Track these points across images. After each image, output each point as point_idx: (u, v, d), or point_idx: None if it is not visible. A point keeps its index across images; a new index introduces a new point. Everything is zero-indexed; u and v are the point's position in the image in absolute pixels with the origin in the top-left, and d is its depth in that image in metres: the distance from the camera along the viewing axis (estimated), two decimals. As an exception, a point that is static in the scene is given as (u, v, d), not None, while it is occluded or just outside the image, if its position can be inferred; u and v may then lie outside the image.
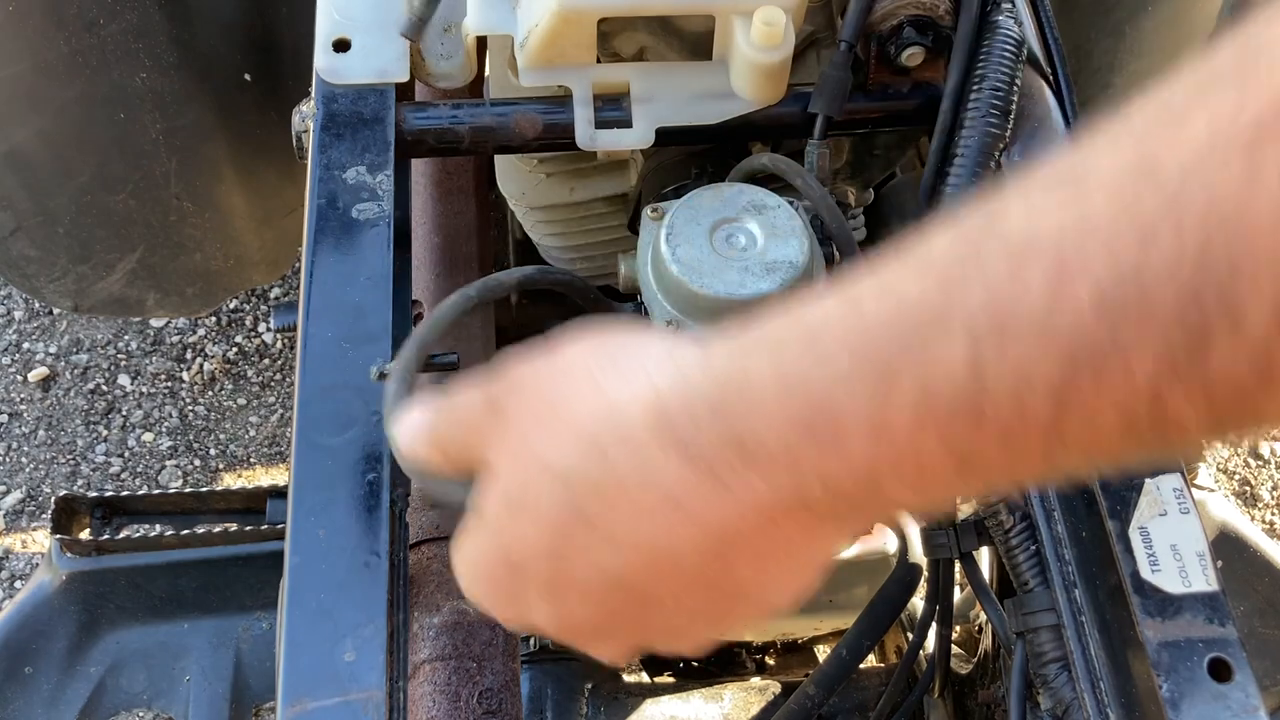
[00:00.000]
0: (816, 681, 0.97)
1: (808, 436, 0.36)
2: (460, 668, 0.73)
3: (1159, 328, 0.30)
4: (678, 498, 0.39)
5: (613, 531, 0.41)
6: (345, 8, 0.76)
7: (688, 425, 0.39)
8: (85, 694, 1.11)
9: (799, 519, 0.39)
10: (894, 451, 0.35)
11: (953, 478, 0.35)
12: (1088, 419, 0.32)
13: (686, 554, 0.40)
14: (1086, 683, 0.65)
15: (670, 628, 0.46)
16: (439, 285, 0.89)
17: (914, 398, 0.33)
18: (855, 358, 0.34)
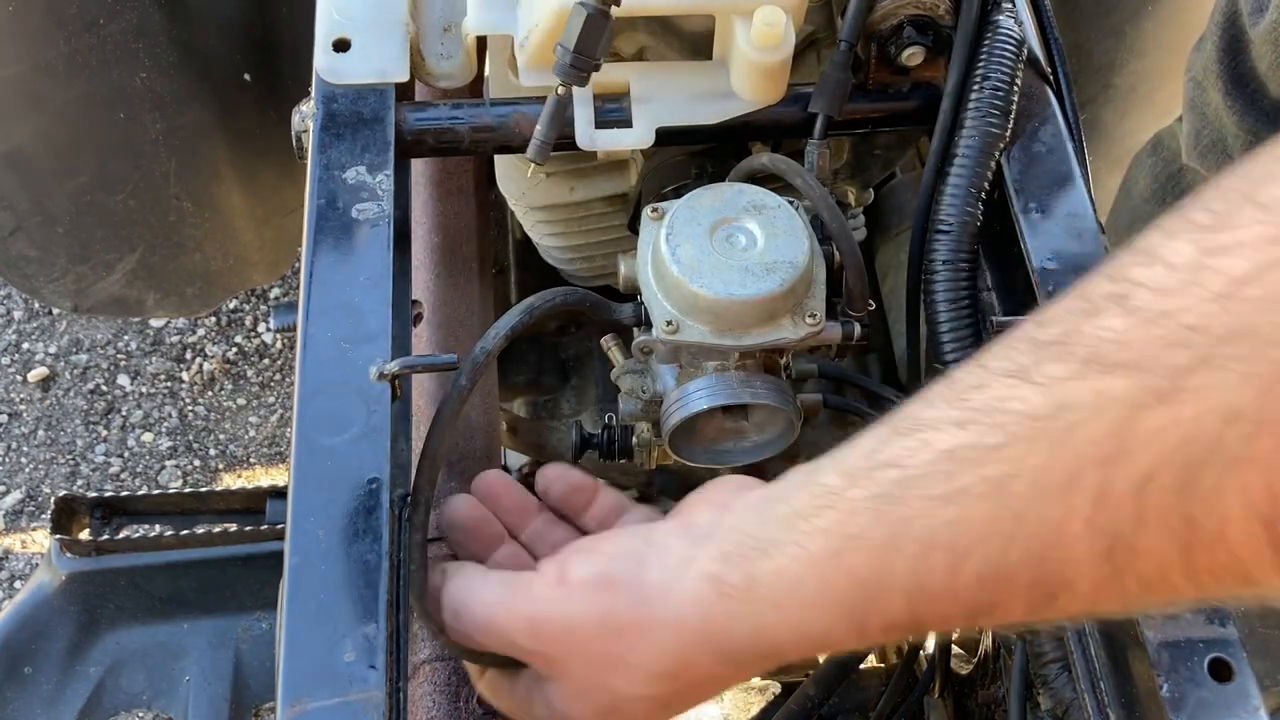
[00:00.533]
0: (816, 681, 0.97)
1: (813, 649, 0.57)
2: (460, 668, 0.73)
3: (1022, 593, 0.45)
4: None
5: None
6: (345, 8, 0.76)
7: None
8: (85, 694, 1.11)
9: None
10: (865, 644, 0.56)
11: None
12: (991, 625, 0.51)
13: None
14: (1086, 683, 0.65)
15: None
16: (439, 285, 0.89)
17: (880, 626, 0.51)
18: (837, 611, 0.51)
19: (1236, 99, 1.26)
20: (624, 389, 0.75)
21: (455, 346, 0.86)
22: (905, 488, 0.47)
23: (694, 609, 0.54)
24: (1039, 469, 0.42)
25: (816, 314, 0.68)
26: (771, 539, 0.52)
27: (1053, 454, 0.42)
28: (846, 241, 0.70)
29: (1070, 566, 0.43)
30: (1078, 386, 0.41)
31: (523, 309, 0.68)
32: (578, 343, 1.18)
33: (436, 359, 0.66)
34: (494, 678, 0.63)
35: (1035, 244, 0.73)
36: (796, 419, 0.71)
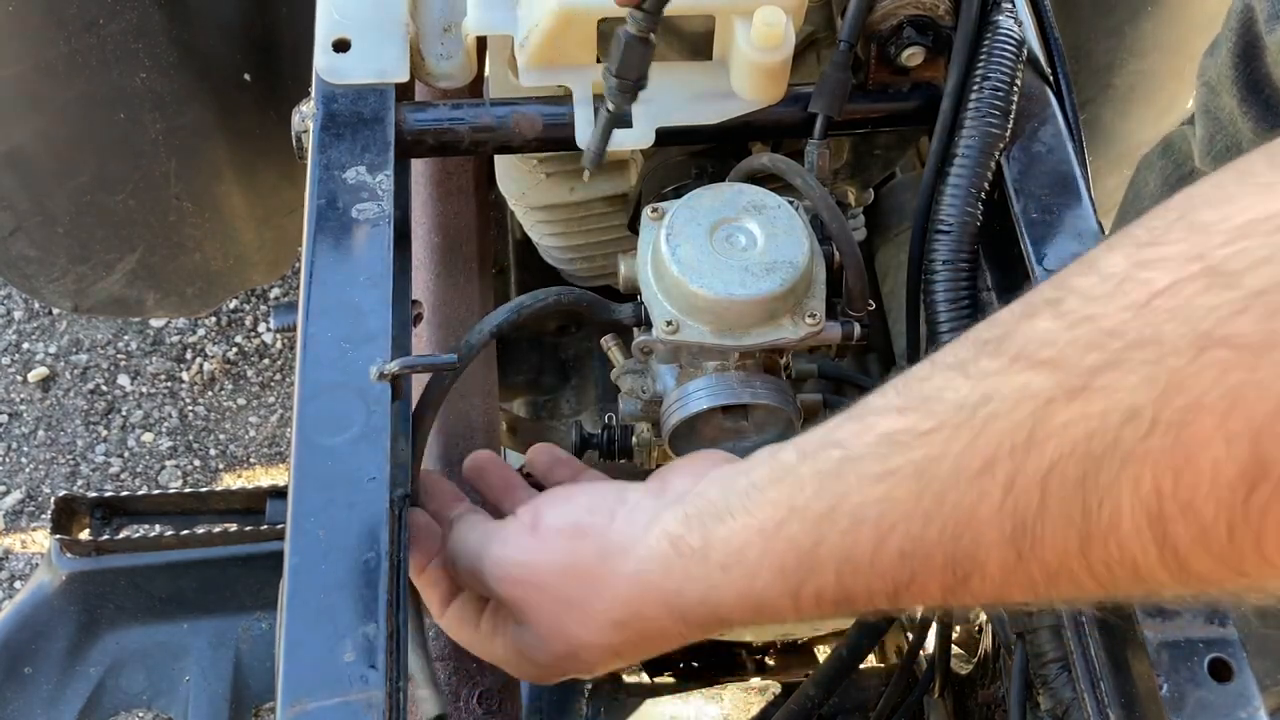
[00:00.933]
0: (816, 681, 0.97)
1: (752, 614, 0.57)
2: (460, 668, 0.73)
3: (938, 572, 0.49)
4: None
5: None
6: (345, 8, 0.76)
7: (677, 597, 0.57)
8: (85, 694, 1.11)
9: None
10: (799, 615, 0.55)
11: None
12: (911, 604, 0.52)
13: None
14: (1086, 683, 0.65)
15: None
16: (439, 285, 0.89)
17: (813, 596, 0.53)
18: (775, 576, 0.53)
19: (1252, 105, 1.27)
20: (624, 389, 0.75)
21: (455, 346, 0.86)
22: (846, 466, 0.50)
23: (654, 564, 0.57)
24: (960, 454, 0.46)
25: (816, 314, 0.68)
26: (728, 507, 0.55)
27: (973, 441, 0.45)
28: (846, 241, 0.70)
29: (982, 549, 0.46)
30: (1003, 380, 0.45)
31: (511, 307, 0.69)
32: (578, 343, 1.18)
33: (436, 359, 0.66)
34: (459, 610, 0.66)
35: (1035, 244, 0.73)
36: (796, 419, 0.71)
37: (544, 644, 0.62)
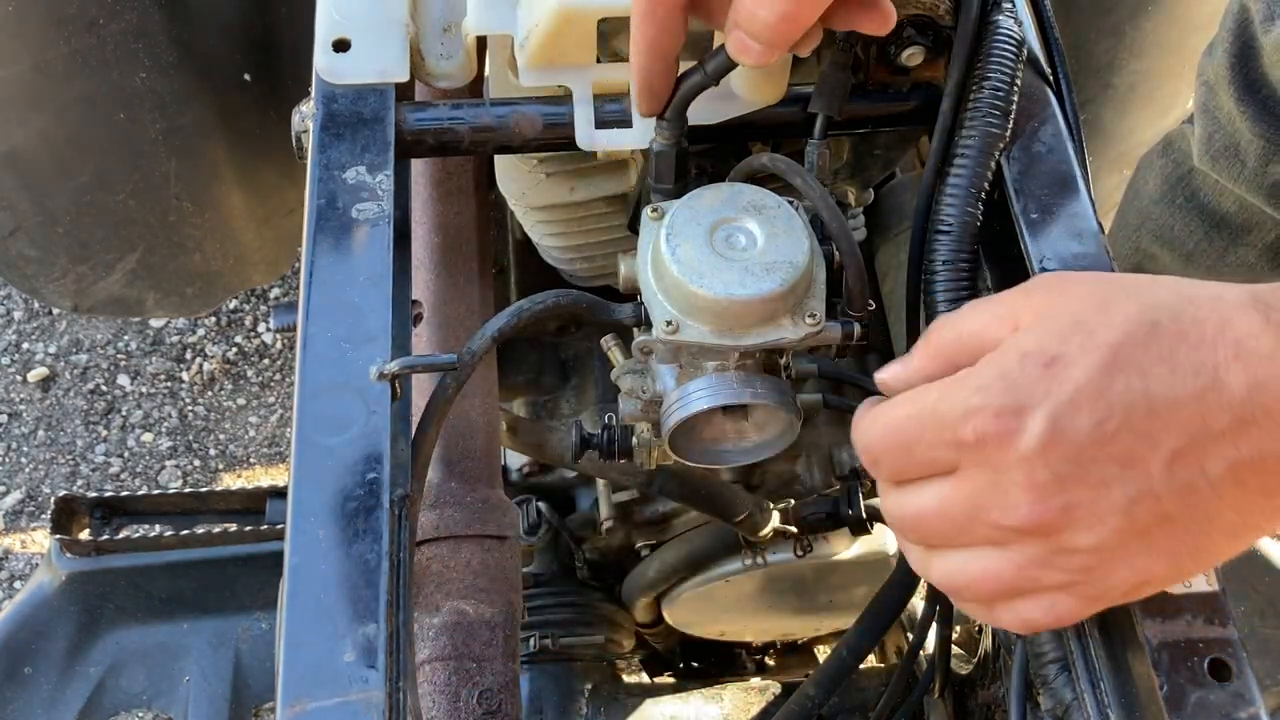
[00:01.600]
0: (816, 682, 0.97)
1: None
2: (460, 668, 0.73)
3: None
4: (1242, 340, 0.47)
5: (1174, 351, 0.48)
6: (345, 8, 0.76)
7: (1270, 297, 0.48)
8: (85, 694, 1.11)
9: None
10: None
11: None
12: None
13: (1217, 411, 0.48)
14: (1086, 683, 0.65)
15: (1126, 503, 0.50)
16: (439, 285, 0.89)
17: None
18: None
19: (1249, 105, 1.27)
20: (624, 389, 0.75)
21: (455, 346, 0.86)
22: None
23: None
24: None
25: (816, 314, 0.68)
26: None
27: None
28: (846, 241, 0.70)
29: None
30: None
31: (511, 312, 0.69)
32: (578, 343, 1.18)
33: (436, 359, 0.66)
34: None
35: (1035, 244, 0.73)
36: (796, 419, 0.71)
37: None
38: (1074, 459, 0.50)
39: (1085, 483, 0.50)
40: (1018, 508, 0.51)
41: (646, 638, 1.35)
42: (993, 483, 0.52)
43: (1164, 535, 0.51)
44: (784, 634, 1.38)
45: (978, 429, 0.51)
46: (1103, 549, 0.51)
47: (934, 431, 0.54)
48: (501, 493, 0.84)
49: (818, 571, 1.14)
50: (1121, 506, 0.50)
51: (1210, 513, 0.50)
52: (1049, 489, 0.50)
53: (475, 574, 0.78)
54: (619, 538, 1.19)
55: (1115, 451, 0.49)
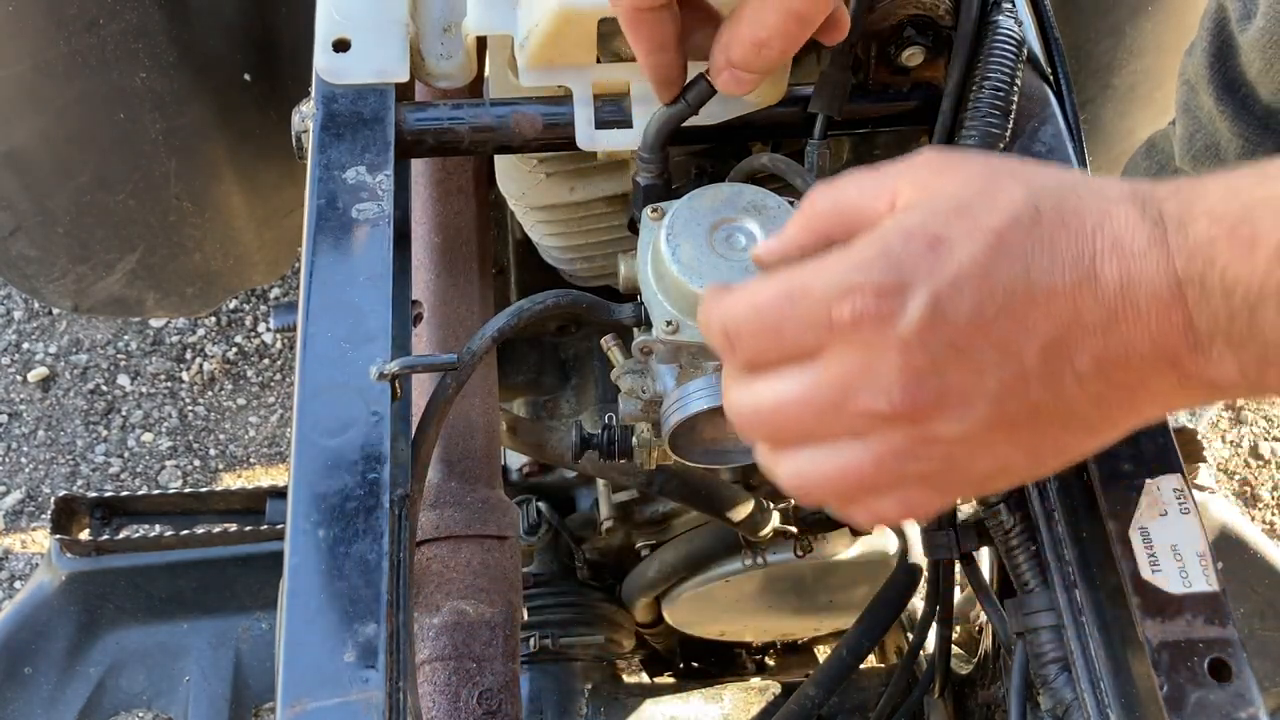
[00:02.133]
0: (816, 682, 0.97)
1: (1228, 235, 0.46)
2: (460, 668, 0.73)
3: None
4: (1119, 235, 0.48)
5: (1054, 240, 0.48)
6: (345, 7, 0.76)
7: (1148, 193, 0.49)
8: (85, 694, 1.11)
9: (1180, 332, 0.47)
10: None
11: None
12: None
13: (1090, 304, 0.47)
14: (1086, 683, 0.65)
15: (998, 390, 0.49)
16: (439, 285, 0.89)
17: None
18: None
19: (1228, 104, 1.27)
20: (624, 389, 0.75)
21: (455, 346, 0.86)
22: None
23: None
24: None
25: (816, 314, 0.68)
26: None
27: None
28: (846, 241, 0.70)
29: None
30: None
31: (511, 312, 0.69)
32: (578, 343, 1.18)
33: (436, 359, 0.66)
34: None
35: (1035, 244, 0.73)
36: (796, 419, 0.71)
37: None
38: (952, 343, 0.48)
39: (961, 368, 0.48)
40: (890, 391, 0.49)
41: (646, 638, 1.35)
42: (864, 365, 0.49)
43: (1028, 426, 0.50)
44: (784, 634, 1.38)
45: (855, 308, 0.49)
46: (968, 438, 0.50)
47: (806, 310, 0.50)
48: (501, 493, 0.84)
49: (818, 571, 1.14)
50: (993, 394, 0.49)
51: (1074, 407, 0.49)
52: (924, 372, 0.48)
53: (475, 574, 0.78)
54: (619, 538, 1.19)
55: (993, 337, 0.48)
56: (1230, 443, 2.35)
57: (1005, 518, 0.72)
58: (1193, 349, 0.47)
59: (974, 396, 0.49)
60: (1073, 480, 0.69)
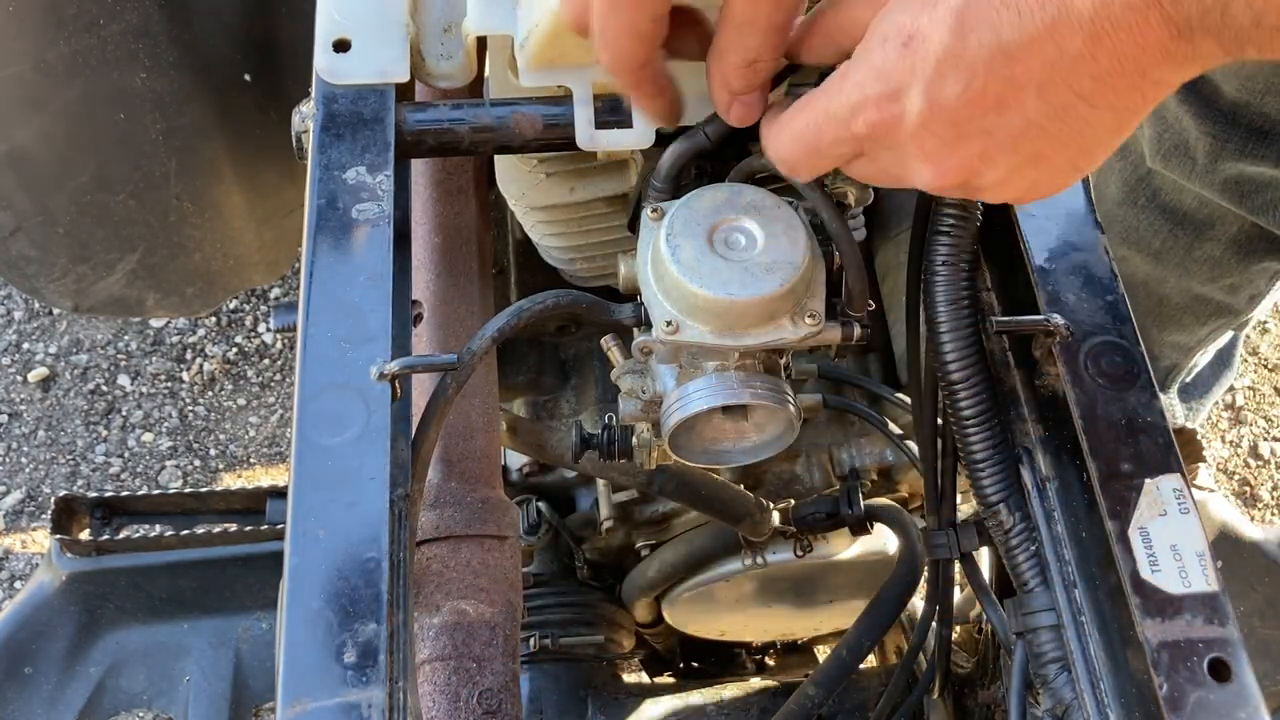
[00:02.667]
0: (816, 681, 0.97)
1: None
2: (460, 668, 0.73)
3: None
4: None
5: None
6: (345, 8, 0.76)
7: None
8: (85, 694, 1.11)
9: (1161, 28, 0.50)
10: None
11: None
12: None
13: (1070, 35, 0.51)
14: (1086, 683, 0.65)
15: (1012, 140, 0.55)
16: (439, 285, 0.89)
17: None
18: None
19: (1193, 102, 1.27)
20: (624, 389, 0.75)
21: (455, 346, 0.86)
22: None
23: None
24: None
25: (816, 314, 0.68)
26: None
27: None
28: (846, 241, 0.70)
29: None
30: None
31: (511, 312, 0.69)
32: (578, 343, 1.18)
33: (436, 359, 0.66)
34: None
35: (1035, 244, 0.73)
36: (796, 419, 0.71)
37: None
38: (954, 122, 0.55)
39: (972, 138, 0.55)
40: (922, 174, 0.58)
41: (646, 638, 1.35)
42: (896, 159, 0.59)
43: (1055, 152, 0.56)
44: (784, 634, 1.38)
45: (867, 121, 0.57)
46: (1006, 179, 0.58)
47: (832, 131, 0.59)
48: (501, 493, 0.84)
49: (818, 571, 1.14)
50: (1010, 145, 0.55)
51: (1091, 120, 0.55)
52: (942, 154, 0.56)
53: (475, 574, 0.78)
54: (619, 538, 1.19)
55: (989, 102, 0.54)
56: (1230, 443, 2.35)
57: (1005, 518, 0.72)
58: (1176, 38, 0.51)
59: (993, 153, 0.56)
60: (1073, 480, 0.69)
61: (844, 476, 1.10)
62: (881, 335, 1.12)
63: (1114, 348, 0.70)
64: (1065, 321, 0.70)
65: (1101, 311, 0.71)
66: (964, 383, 0.72)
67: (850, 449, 1.11)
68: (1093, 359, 0.69)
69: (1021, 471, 0.72)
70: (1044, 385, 0.73)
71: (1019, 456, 0.72)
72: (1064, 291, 0.71)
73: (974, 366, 0.72)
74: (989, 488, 0.72)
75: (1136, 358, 0.69)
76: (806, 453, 1.11)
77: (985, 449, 0.72)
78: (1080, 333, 0.70)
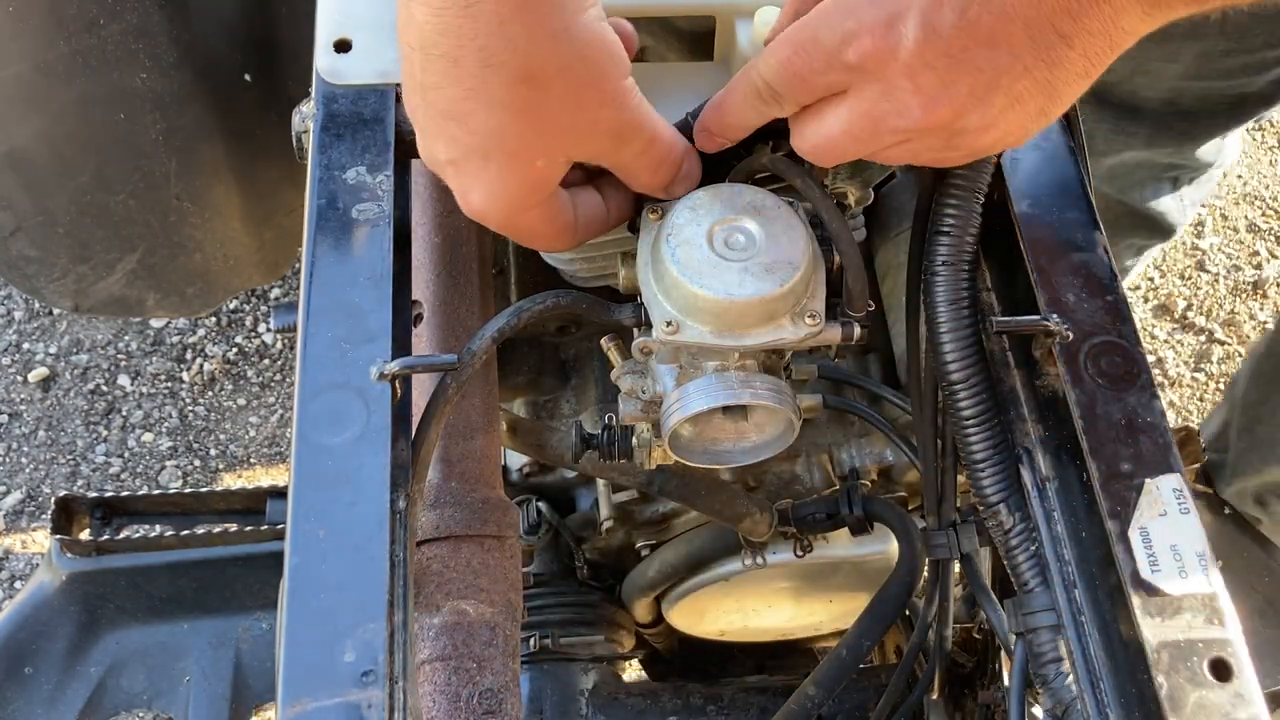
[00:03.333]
0: (816, 681, 0.97)
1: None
2: (460, 668, 0.73)
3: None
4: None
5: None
6: (346, 8, 0.76)
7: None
8: (85, 694, 1.11)
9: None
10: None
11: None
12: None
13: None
14: (1086, 683, 0.65)
15: (999, 78, 0.57)
16: (439, 285, 0.89)
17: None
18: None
19: (1087, 100, 1.29)
20: (624, 389, 0.75)
21: (455, 346, 0.86)
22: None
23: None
24: None
25: (816, 314, 0.68)
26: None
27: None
28: (846, 241, 0.70)
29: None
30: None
31: (511, 312, 0.69)
32: (578, 343, 1.18)
33: (436, 359, 0.66)
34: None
35: (1035, 244, 0.73)
36: (796, 419, 0.71)
37: None
38: (948, 53, 0.55)
39: (964, 71, 0.56)
40: (911, 110, 0.58)
41: (646, 638, 1.35)
42: (884, 94, 0.58)
43: (1031, 95, 0.57)
44: (784, 634, 1.38)
45: (859, 50, 0.57)
46: (990, 124, 0.58)
47: (821, 60, 0.59)
48: (501, 493, 0.84)
49: (818, 571, 1.14)
50: (1000, 84, 0.56)
51: (1065, 63, 0.56)
52: (935, 88, 0.56)
53: (475, 574, 0.78)
54: (619, 538, 1.19)
55: (981, 35, 0.55)
56: (1230, 443, 2.35)
57: (1005, 518, 0.72)
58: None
59: (983, 91, 0.56)
60: (1073, 480, 0.69)
61: (844, 476, 1.10)
62: (881, 335, 1.12)
63: (1114, 348, 0.70)
64: (1065, 322, 0.70)
65: (1101, 311, 0.71)
66: (964, 383, 0.72)
67: (850, 449, 1.11)
68: (1093, 359, 0.69)
69: (1021, 471, 0.72)
70: (1044, 385, 0.73)
71: (1019, 456, 0.72)
72: (1064, 291, 0.71)
73: (974, 366, 0.72)
74: (989, 488, 0.72)
75: (1136, 358, 0.69)
76: (806, 453, 1.11)
77: (985, 449, 0.73)
78: (1080, 333, 0.70)
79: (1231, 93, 1.48)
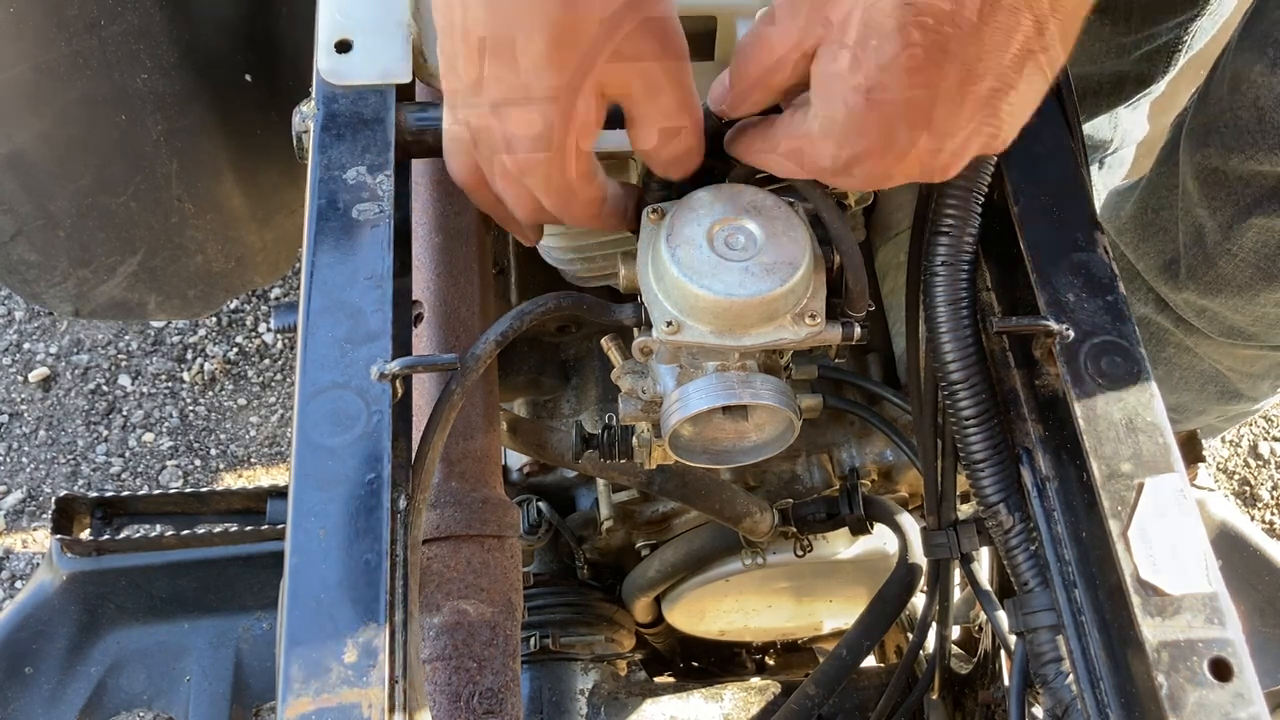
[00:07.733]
0: (816, 681, 0.97)
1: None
2: (460, 668, 0.73)
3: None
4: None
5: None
6: (347, 8, 0.76)
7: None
8: (85, 694, 1.11)
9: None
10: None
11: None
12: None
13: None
14: (1086, 683, 0.65)
15: (1015, 64, 0.58)
16: (439, 285, 0.90)
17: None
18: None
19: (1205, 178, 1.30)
20: (624, 389, 0.75)
21: (455, 346, 0.86)
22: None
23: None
24: None
25: (816, 314, 0.68)
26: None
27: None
28: (846, 241, 0.70)
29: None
30: None
31: (513, 315, 0.69)
32: (578, 343, 1.18)
33: (436, 359, 0.66)
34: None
35: (1035, 244, 0.73)
36: (796, 419, 0.71)
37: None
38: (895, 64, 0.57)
39: (904, 85, 0.57)
40: (849, 143, 0.60)
41: (646, 638, 1.35)
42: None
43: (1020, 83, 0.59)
44: (784, 634, 1.38)
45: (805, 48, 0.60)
46: (1015, 114, 0.61)
47: (763, 63, 0.63)
48: (501, 493, 0.84)
49: (818, 571, 1.15)
50: (1013, 70, 0.58)
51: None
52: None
53: (475, 574, 0.78)
54: (619, 538, 1.19)
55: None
56: (1230, 443, 2.35)
57: (1005, 518, 0.72)
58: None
59: (1008, 84, 0.58)
60: (1073, 480, 0.69)
61: (844, 476, 1.10)
62: (881, 335, 1.12)
63: (1114, 348, 0.70)
64: (1065, 322, 0.70)
65: (1101, 311, 0.71)
66: (964, 383, 0.72)
67: (850, 449, 1.11)
68: (1093, 359, 0.69)
69: (1021, 471, 0.72)
70: (1044, 385, 0.73)
71: (1019, 456, 0.72)
72: (1064, 291, 0.71)
73: (974, 366, 0.72)
74: (989, 488, 0.73)
75: (1136, 358, 0.69)
76: (806, 453, 1.11)
77: (985, 449, 0.73)
78: (1080, 333, 0.70)
79: (1106, 74, 1.52)
